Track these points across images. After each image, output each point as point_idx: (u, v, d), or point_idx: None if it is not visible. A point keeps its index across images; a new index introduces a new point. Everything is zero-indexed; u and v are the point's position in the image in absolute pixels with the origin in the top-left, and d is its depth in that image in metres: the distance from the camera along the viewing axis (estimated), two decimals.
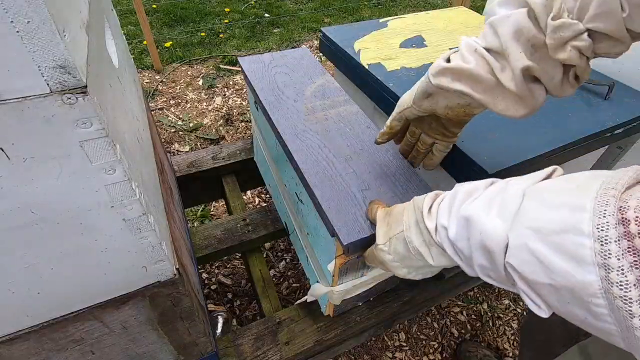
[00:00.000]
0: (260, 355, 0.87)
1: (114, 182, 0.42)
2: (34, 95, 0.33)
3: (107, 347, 0.61)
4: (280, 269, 1.58)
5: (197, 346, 0.74)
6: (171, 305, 0.60)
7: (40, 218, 0.40)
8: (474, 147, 0.76)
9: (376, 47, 1.12)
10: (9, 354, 0.51)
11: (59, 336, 0.54)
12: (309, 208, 0.79)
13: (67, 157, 0.37)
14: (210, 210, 1.80)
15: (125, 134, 0.48)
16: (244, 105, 2.45)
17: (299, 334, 0.91)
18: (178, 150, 2.10)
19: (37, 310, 0.49)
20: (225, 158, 1.31)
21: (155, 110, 2.36)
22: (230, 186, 1.31)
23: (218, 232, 1.12)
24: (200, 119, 2.32)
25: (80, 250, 0.46)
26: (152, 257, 0.51)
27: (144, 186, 0.50)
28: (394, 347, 1.37)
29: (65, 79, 0.33)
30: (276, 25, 3.40)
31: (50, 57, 0.31)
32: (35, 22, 0.30)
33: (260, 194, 1.89)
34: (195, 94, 2.52)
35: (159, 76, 2.65)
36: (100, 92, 0.39)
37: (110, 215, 0.44)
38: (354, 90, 1.13)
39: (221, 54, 2.90)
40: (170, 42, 2.97)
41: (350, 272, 0.77)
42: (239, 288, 1.50)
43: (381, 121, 1.08)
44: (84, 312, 0.53)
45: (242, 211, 1.22)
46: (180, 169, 1.25)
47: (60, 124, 0.35)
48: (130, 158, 0.46)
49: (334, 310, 0.90)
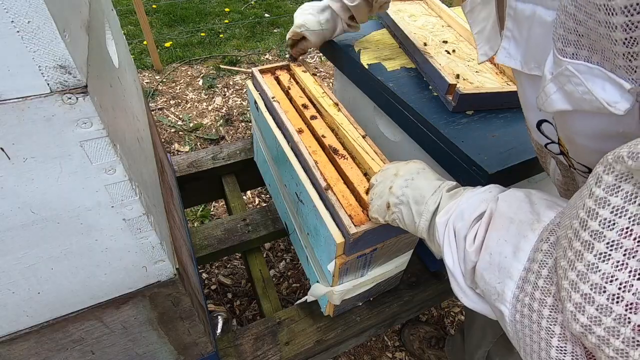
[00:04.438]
0: (260, 356, 0.87)
1: (114, 182, 0.42)
2: (34, 95, 0.33)
3: (107, 347, 0.61)
4: (280, 269, 1.58)
5: (197, 346, 0.74)
6: (171, 305, 0.60)
7: (40, 218, 0.40)
8: (474, 147, 0.76)
9: (376, 47, 1.12)
10: (9, 354, 0.51)
11: (59, 336, 0.54)
12: (309, 208, 0.79)
13: (67, 157, 0.37)
14: (210, 210, 1.80)
15: (125, 134, 0.48)
16: (244, 105, 2.45)
17: (299, 334, 0.91)
18: (178, 150, 2.10)
19: (37, 310, 0.49)
20: (225, 158, 1.31)
21: (155, 110, 2.36)
22: (230, 186, 1.31)
23: (218, 232, 1.12)
24: (200, 119, 2.32)
25: (81, 250, 0.46)
26: (152, 257, 0.51)
27: (144, 186, 0.50)
28: (394, 347, 1.37)
29: (66, 79, 0.33)
30: (276, 25, 3.40)
31: (50, 57, 0.32)
32: (35, 22, 0.30)
33: (260, 194, 1.89)
34: (195, 94, 2.52)
35: (159, 76, 2.65)
36: (100, 92, 0.39)
37: (110, 215, 0.44)
38: (354, 90, 1.13)
39: (221, 54, 2.90)
40: (170, 42, 2.97)
41: (350, 272, 0.77)
42: (239, 288, 1.50)
43: (381, 121, 1.08)
44: (84, 312, 0.53)
45: (242, 211, 1.22)
46: (180, 169, 1.25)
47: (60, 124, 0.35)
48: (130, 158, 0.46)
49: (334, 310, 0.90)
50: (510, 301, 0.36)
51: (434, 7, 1.29)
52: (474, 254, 0.41)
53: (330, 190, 0.73)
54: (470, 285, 0.44)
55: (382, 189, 0.61)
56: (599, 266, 0.26)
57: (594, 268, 0.26)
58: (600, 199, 0.26)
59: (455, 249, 0.45)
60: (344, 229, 0.68)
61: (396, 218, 0.58)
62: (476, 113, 0.88)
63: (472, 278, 0.43)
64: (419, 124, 0.87)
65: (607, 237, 0.26)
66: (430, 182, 0.55)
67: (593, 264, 0.26)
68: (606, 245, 0.26)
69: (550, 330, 0.31)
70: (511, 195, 0.42)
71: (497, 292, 0.37)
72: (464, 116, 0.86)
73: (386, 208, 0.59)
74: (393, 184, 0.58)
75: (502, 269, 0.37)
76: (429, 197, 0.52)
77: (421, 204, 0.53)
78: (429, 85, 0.96)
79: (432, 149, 0.85)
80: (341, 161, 0.80)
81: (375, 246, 0.74)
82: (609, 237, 0.26)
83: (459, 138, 0.79)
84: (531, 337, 0.33)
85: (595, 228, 0.26)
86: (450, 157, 0.79)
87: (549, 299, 0.32)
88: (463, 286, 0.45)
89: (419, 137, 0.89)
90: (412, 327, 1.35)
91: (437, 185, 0.54)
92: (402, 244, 0.80)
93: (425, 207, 0.52)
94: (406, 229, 0.57)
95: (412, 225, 0.55)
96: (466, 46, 1.10)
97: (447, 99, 0.88)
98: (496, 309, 0.38)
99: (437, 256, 1.00)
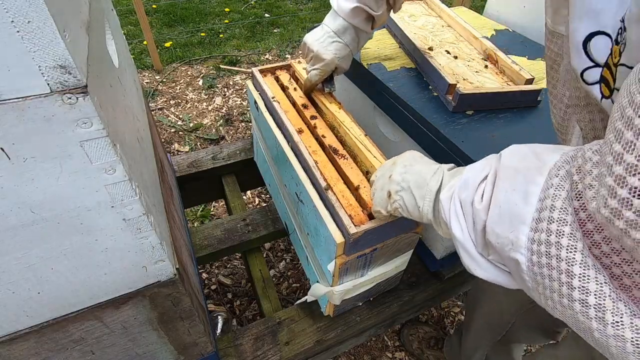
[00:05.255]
0: (260, 356, 0.87)
1: (114, 182, 0.42)
2: (34, 95, 0.33)
3: (107, 347, 0.61)
4: (280, 269, 1.58)
5: (197, 346, 0.74)
6: (171, 305, 0.60)
7: (40, 218, 0.40)
8: (474, 147, 0.76)
9: (376, 47, 1.12)
10: (9, 354, 0.51)
11: (59, 336, 0.54)
12: (309, 208, 0.79)
13: (68, 157, 0.37)
14: (210, 210, 1.80)
15: (125, 134, 0.48)
16: (244, 105, 2.45)
17: (299, 334, 0.91)
18: (178, 150, 2.10)
19: (37, 310, 0.49)
20: (225, 158, 1.31)
21: (155, 110, 2.36)
22: (230, 186, 1.31)
23: (218, 232, 1.12)
24: (200, 119, 2.32)
25: (81, 250, 0.46)
26: (152, 257, 0.51)
27: (144, 186, 0.50)
28: (394, 347, 1.37)
29: (66, 78, 0.33)
30: (276, 25, 3.40)
31: (50, 57, 0.31)
32: (35, 22, 0.30)
33: (260, 194, 1.89)
34: (195, 94, 2.52)
35: (159, 76, 2.65)
36: (100, 92, 0.39)
37: (110, 215, 0.44)
38: (354, 90, 1.13)
39: (221, 54, 2.90)
40: (170, 42, 2.97)
41: (350, 272, 0.77)
42: (239, 288, 1.50)
43: (381, 121, 1.08)
44: (84, 312, 0.53)
45: (242, 211, 1.22)
46: (180, 169, 1.25)
47: (60, 124, 0.35)
48: (130, 158, 0.46)
49: (334, 310, 0.90)
50: (525, 246, 0.35)
51: (434, 7, 1.29)
52: (483, 211, 0.40)
53: (330, 190, 0.73)
54: (482, 252, 0.43)
55: (382, 181, 0.61)
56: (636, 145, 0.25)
57: (631, 148, 0.26)
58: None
59: (463, 218, 0.44)
60: (344, 229, 0.68)
61: (398, 206, 0.57)
62: (476, 113, 0.88)
63: (483, 243, 0.42)
64: (419, 124, 0.87)
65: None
66: (429, 166, 0.55)
67: (632, 142, 0.26)
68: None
69: (570, 260, 0.31)
70: (513, 149, 0.41)
71: (511, 241, 0.36)
72: (464, 116, 0.86)
73: (387, 198, 0.58)
74: (392, 172, 0.58)
75: (514, 217, 0.36)
76: (430, 178, 0.52)
77: (423, 186, 0.52)
78: (429, 85, 0.96)
79: (432, 148, 0.85)
80: (341, 161, 0.80)
81: (375, 246, 0.74)
82: None
83: (459, 138, 0.79)
84: (550, 275, 0.33)
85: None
86: (450, 157, 0.80)
87: (566, 228, 0.31)
88: (475, 256, 0.44)
89: (419, 137, 0.89)
90: (411, 327, 1.35)
91: (436, 167, 0.53)
92: (402, 244, 0.80)
93: (427, 188, 0.51)
94: (409, 216, 0.56)
95: (415, 210, 0.54)
96: (466, 46, 1.10)
97: (447, 99, 0.88)
98: (511, 261, 0.37)
99: (439, 255, 1.00)
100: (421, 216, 0.53)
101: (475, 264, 0.44)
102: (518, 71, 0.93)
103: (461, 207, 0.44)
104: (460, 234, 0.44)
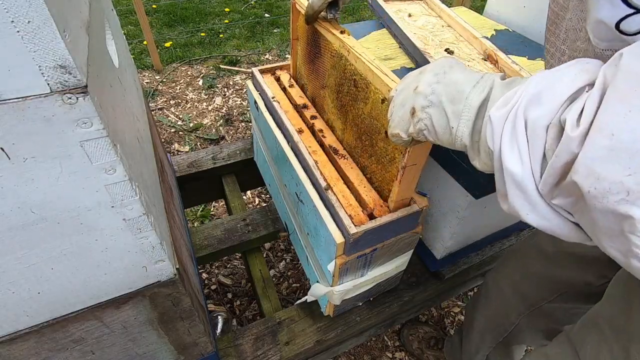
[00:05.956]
0: (260, 355, 0.87)
1: (114, 182, 0.42)
2: (35, 95, 0.33)
3: (107, 347, 0.61)
4: (280, 269, 1.58)
5: (197, 346, 0.74)
6: (171, 305, 0.60)
7: (40, 218, 0.40)
8: None
9: (376, 47, 1.12)
10: (9, 354, 0.51)
11: (59, 336, 0.54)
12: (309, 208, 0.79)
13: (68, 157, 0.37)
14: (210, 210, 1.80)
15: (125, 134, 0.48)
16: (244, 105, 2.45)
17: (299, 334, 0.91)
18: (178, 150, 2.10)
19: (37, 310, 0.49)
20: (225, 158, 1.31)
21: (155, 110, 2.36)
22: (230, 186, 1.31)
23: (218, 232, 1.12)
24: (200, 119, 2.32)
25: (81, 250, 0.46)
26: (152, 257, 0.51)
27: (144, 186, 0.50)
28: (394, 347, 1.37)
29: (66, 78, 0.33)
30: (276, 25, 3.40)
31: (50, 57, 0.31)
32: (36, 22, 0.30)
33: (260, 194, 1.89)
34: (195, 94, 2.52)
35: (159, 76, 2.65)
36: (100, 92, 0.39)
37: (110, 215, 0.44)
38: None
39: (221, 54, 2.90)
40: (170, 42, 2.97)
41: (350, 272, 0.77)
42: (239, 288, 1.50)
43: None
44: (84, 312, 0.53)
45: (242, 211, 1.22)
46: (180, 169, 1.25)
47: (60, 124, 0.35)
48: (130, 158, 0.46)
49: (334, 310, 0.90)
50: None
51: (434, 7, 1.29)
52: (577, 140, 0.29)
53: (330, 190, 0.73)
54: (548, 194, 0.33)
55: (404, 95, 0.48)
56: None
57: None
58: None
59: (526, 146, 0.33)
60: (344, 229, 0.68)
61: (423, 127, 0.44)
62: None
63: (556, 183, 0.32)
64: None
65: None
66: (469, 74, 0.42)
67: None
68: None
69: None
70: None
71: (626, 189, 0.27)
72: None
73: (410, 116, 0.46)
74: (419, 83, 0.45)
75: (638, 152, 0.26)
76: (471, 90, 0.40)
77: (459, 102, 0.40)
78: None
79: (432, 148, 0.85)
80: (341, 161, 0.80)
81: (375, 246, 0.74)
82: None
83: None
84: None
85: None
86: (450, 157, 0.79)
87: None
88: (533, 197, 0.34)
89: None
90: (411, 327, 1.35)
91: (479, 77, 0.42)
92: (402, 244, 0.80)
93: (466, 103, 0.40)
94: (437, 140, 0.44)
95: (446, 132, 0.42)
96: (466, 46, 1.10)
97: None
98: (616, 216, 0.28)
99: (439, 255, 1.00)
100: (453, 141, 0.42)
101: (530, 207, 0.34)
102: (518, 71, 0.93)
103: (525, 130, 0.33)
104: (520, 168, 0.34)
